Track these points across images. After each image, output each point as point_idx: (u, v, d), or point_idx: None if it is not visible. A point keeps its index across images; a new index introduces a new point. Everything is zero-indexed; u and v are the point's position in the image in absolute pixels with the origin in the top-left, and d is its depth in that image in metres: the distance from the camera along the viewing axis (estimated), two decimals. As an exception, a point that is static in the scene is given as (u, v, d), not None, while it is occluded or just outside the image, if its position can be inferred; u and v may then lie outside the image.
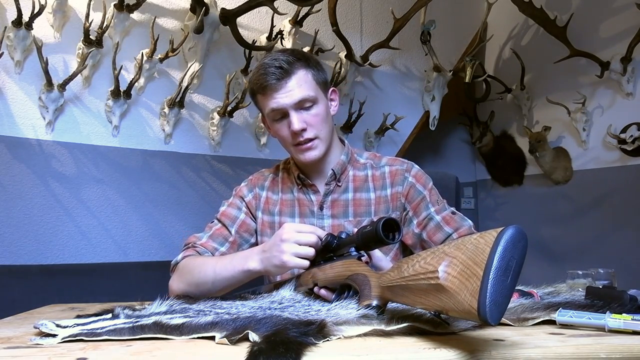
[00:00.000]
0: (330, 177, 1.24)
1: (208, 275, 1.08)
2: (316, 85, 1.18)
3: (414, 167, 1.27)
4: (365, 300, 0.78)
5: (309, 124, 1.16)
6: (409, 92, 3.32)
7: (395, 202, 1.23)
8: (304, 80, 1.15)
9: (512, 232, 0.58)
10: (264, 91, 1.16)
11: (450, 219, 1.19)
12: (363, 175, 1.26)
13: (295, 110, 1.15)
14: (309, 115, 1.16)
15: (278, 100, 1.14)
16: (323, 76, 1.21)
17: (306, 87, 1.15)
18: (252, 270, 1.02)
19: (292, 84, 1.14)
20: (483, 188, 3.96)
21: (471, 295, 0.57)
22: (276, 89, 1.14)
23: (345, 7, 2.98)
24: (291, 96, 1.14)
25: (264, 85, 1.14)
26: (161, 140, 2.41)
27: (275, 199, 1.28)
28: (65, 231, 2.13)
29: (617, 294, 0.89)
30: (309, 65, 1.17)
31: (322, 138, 1.18)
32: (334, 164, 1.25)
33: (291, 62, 1.14)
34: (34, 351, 0.67)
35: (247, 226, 1.27)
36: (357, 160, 1.29)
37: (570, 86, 3.22)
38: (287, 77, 1.13)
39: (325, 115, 1.19)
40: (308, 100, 1.15)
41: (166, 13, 2.41)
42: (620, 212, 3.03)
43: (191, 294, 1.10)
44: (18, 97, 2.05)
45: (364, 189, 1.25)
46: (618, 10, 3.04)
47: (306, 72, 1.16)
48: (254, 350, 0.60)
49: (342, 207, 1.24)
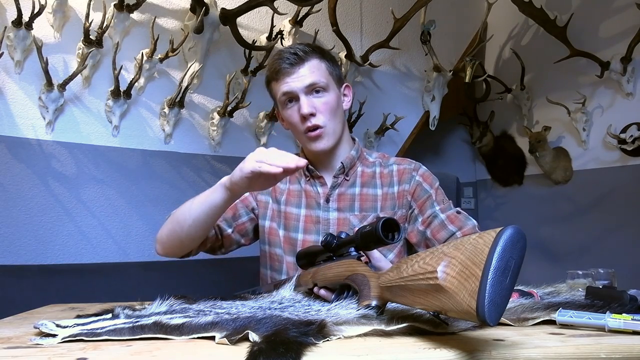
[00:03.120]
0: (339, 170, 1.25)
1: (185, 213, 1.11)
2: (329, 75, 1.21)
3: (422, 167, 1.29)
4: (365, 300, 0.78)
5: (318, 110, 1.18)
6: (409, 92, 3.32)
7: (401, 199, 1.24)
8: (316, 68, 1.19)
9: (510, 232, 0.58)
10: (277, 76, 1.20)
11: (454, 218, 1.20)
12: (371, 172, 1.28)
13: (306, 95, 1.18)
14: (319, 101, 1.19)
15: (289, 83, 1.18)
16: (337, 70, 1.25)
17: (318, 74, 1.19)
18: (218, 187, 1.04)
19: (304, 70, 1.18)
20: (483, 188, 3.96)
21: (470, 295, 0.57)
22: (289, 73, 1.18)
23: (345, 7, 2.98)
24: (302, 80, 1.17)
25: (277, 70, 1.19)
26: (161, 140, 2.41)
27: (283, 188, 1.30)
28: (65, 231, 2.13)
29: (617, 294, 0.89)
30: (323, 56, 1.22)
31: (330, 128, 1.21)
32: (343, 157, 1.26)
33: (307, 51, 1.19)
34: (34, 351, 0.67)
35: (248, 202, 1.30)
36: (366, 158, 1.31)
37: (570, 86, 3.22)
38: (300, 63, 1.18)
39: (335, 105, 1.21)
40: (318, 85, 1.18)
41: (166, 13, 2.41)
42: (620, 212, 3.03)
43: (176, 236, 1.13)
44: (18, 97, 2.05)
45: (371, 184, 1.26)
46: (618, 10, 3.04)
47: (320, 62, 1.20)
48: (254, 350, 0.60)
49: (349, 201, 1.25)
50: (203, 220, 1.09)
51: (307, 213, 1.26)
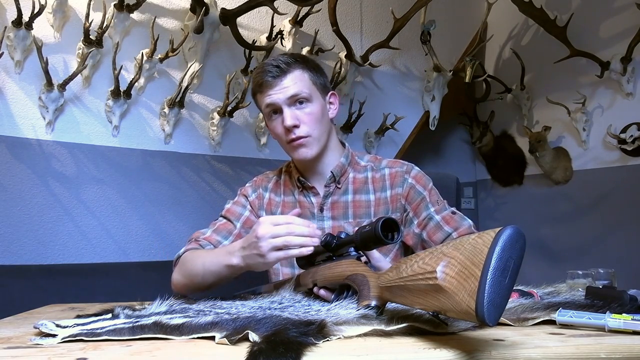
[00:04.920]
0: (329, 180, 1.25)
1: (198, 268, 1.10)
2: (312, 85, 1.20)
3: (414, 168, 1.28)
4: (364, 300, 0.78)
5: (302, 121, 1.18)
6: (409, 92, 3.32)
7: (395, 203, 1.23)
8: (299, 79, 1.18)
9: (510, 232, 0.58)
10: (261, 88, 1.19)
11: (450, 219, 1.19)
12: (363, 177, 1.27)
13: (289, 107, 1.18)
14: (302, 112, 1.18)
15: (272, 96, 1.18)
16: (321, 79, 1.24)
17: (300, 84, 1.18)
18: (235, 266, 1.02)
19: (286, 82, 1.17)
20: (483, 188, 3.96)
21: (469, 295, 0.57)
22: (271, 85, 1.17)
23: (345, 7, 2.98)
24: (285, 92, 1.17)
25: (261, 83, 1.19)
26: (161, 140, 2.41)
27: (278, 200, 1.30)
28: (65, 231, 2.13)
29: (617, 294, 0.89)
30: (306, 66, 1.21)
31: (315, 137, 1.20)
32: (333, 166, 1.25)
33: (289, 62, 1.18)
34: (34, 351, 0.67)
35: (251, 223, 1.27)
36: (357, 163, 1.30)
37: (570, 86, 3.22)
38: (282, 75, 1.17)
39: (319, 115, 1.20)
40: (301, 97, 1.18)
41: (166, 13, 2.41)
42: (620, 212, 3.03)
43: (189, 287, 1.13)
44: (18, 97, 2.05)
45: (363, 190, 1.25)
46: (618, 10, 3.04)
47: (302, 72, 1.19)
48: (254, 350, 0.60)
49: (342, 208, 1.25)
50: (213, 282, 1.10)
51: None
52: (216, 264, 1.06)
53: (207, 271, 1.07)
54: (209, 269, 1.07)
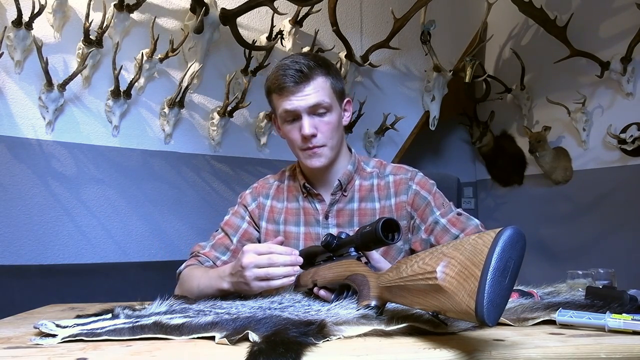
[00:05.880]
0: (336, 187, 1.24)
1: (194, 289, 1.12)
2: (333, 93, 1.18)
3: (418, 174, 1.27)
4: (364, 300, 0.78)
5: (320, 131, 1.16)
6: (409, 92, 3.32)
7: (400, 211, 1.23)
8: (321, 87, 1.15)
9: (510, 232, 0.58)
10: (281, 92, 1.16)
11: (456, 221, 1.19)
12: (369, 184, 1.26)
13: (309, 115, 1.15)
14: (321, 122, 1.17)
15: (293, 102, 1.15)
16: (341, 85, 1.22)
17: (323, 93, 1.15)
18: (226, 290, 1.03)
19: (309, 89, 1.14)
20: (483, 188, 3.96)
21: (469, 296, 0.57)
22: (293, 91, 1.14)
23: (345, 7, 2.98)
24: (307, 100, 1.14)
25: (282, 87, 1.15)
26: (161, 140, 2.41)
27: (280, 207, 1.28)
28: (65, 231, 2.13)
29: (617, 294, 0.88)
30: (329, 72, 1.18)
31: (330, 147, 1.19)
32: (341, 174, 1.25)
33: (312, 67, 1.15)
34: (34, 351, 0.67)
35: (250, 235, 1.28)
36: (363, 169, 1.29)
37: (570, 86, 3.22)
38: (305, 81, 1.14)
39: (336, 125, 1.19)
40: (322, 106, 1.15)
41: (166, 13, 2.41)
42: (620, 212, 3.03)
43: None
44: (18, 97, 2.05)
45: (369, 198, 1.25)
46: (618, 10, 3.04)
47: (325, 80, 1.17)
48: (254, 350, 0.60)
49: (348, 216, 1.24)
50: None
51: (306, 230, 1.25)
52: (209, 287, 1.07)
53: (202, 293, 1.08)
54: (203, 291, 1.08)
